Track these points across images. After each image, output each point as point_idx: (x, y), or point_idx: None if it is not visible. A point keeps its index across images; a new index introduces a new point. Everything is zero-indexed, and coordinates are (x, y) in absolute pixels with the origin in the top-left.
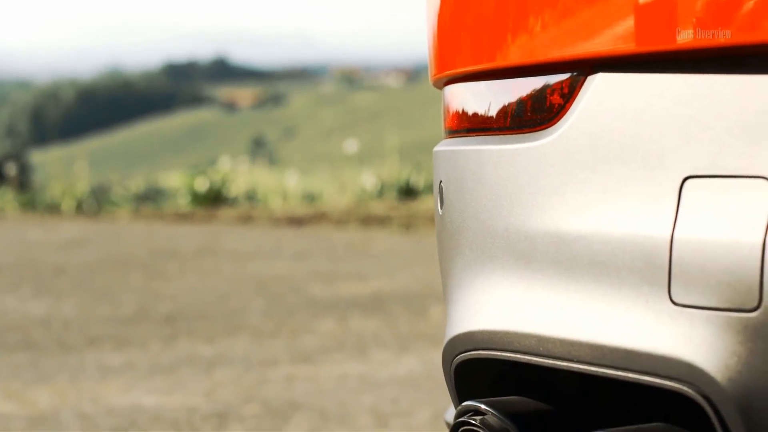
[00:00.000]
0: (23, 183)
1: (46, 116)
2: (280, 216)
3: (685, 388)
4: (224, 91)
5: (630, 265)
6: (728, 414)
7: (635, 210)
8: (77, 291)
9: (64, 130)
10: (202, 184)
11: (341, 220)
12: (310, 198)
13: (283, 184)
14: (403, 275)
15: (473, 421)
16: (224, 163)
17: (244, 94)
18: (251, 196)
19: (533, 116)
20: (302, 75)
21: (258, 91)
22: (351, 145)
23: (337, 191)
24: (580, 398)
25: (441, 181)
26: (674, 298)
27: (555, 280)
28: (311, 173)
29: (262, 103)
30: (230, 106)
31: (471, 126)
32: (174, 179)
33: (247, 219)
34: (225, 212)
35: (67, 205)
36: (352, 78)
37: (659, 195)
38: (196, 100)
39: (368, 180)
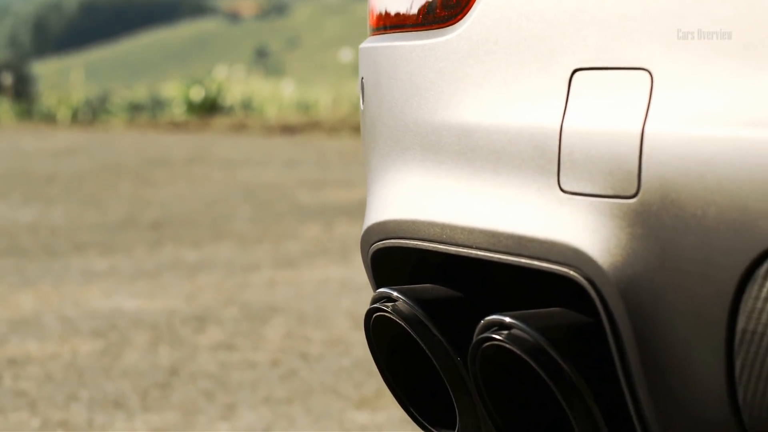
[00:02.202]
0: (20, 92)
1: (48, 27)
2: (274, 124)
3: (571, 272)
4: (227, 2)
5: (524, 154)
6: (610, 296)
7: (530, 102)
8: (67, 198)
9: (67, 41)
10: (197, 94)
11: (334, 129)
12: (305, 107)
13: (279, 94)
14: None
15: (385, 308)
16: (220, 72)
17: (247, 5)
18: (247, 105)
19: (442, 12)
20: None
21: (261, 1)
22: (345, 55)
23: (333, 100)
24: (494, 285)
25: (362, 78)
26: (563, 186)
27: (458, 171)
28: (311, 83)
29: (265, 14)
30: (233, 17)
31: (389, 24)
32: (173, 89)
33: (240, 127)
34: (219, 121)
35: (63, 114)
36: None
37: (551, 87)
38: (199, 11)
39: None
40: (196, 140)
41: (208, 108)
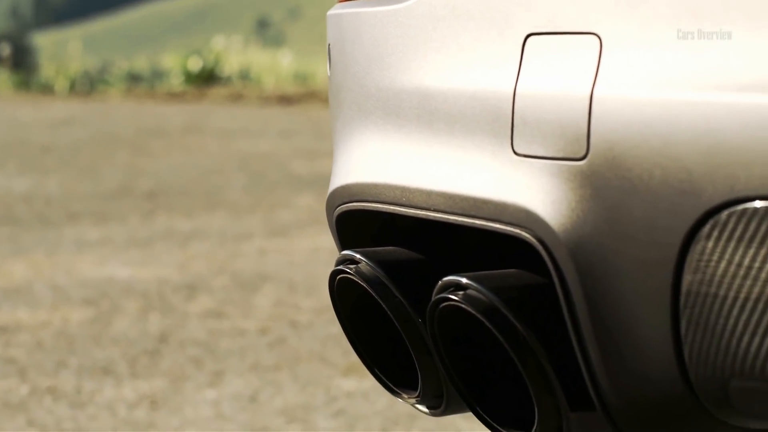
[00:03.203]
0: (18, 63)
1: None
2: (271, 95)
3: (523, 233)
4: None
5: (479, 118)
6: (561, 257)
7: (485, 66)
8: (62, 168)
9: (68, 12)
10: (195, 64)
11: None
12: (303, 77)
13: (277, 64)
14: None
15: (348, 270)
16: (218, 43)
17: None
18: (245, 76)
19: None
20: None
21: None
22: None
23: None
24: (456, 248)
25: (329, 44)
26: (516, 149)
27: (417, 135)
28: (312, 54)
29: None
30: None
31: None
32: (171, 60)
33: (237, 98)
34: (216, 91)
35: (61, 85)
36: None
37: (505, 52)
38: None
39: None
40: (192, 110)
41: (206, 78)
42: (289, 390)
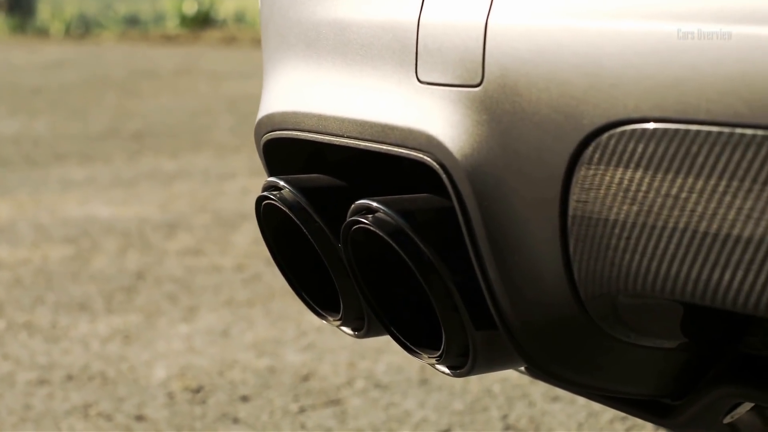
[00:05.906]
0: (14, 7)
1: None
2: None
3: (425, 158)
4: None
5: (387, 47)
6: (459, 179)
7: None
8: (51, 110)
9: None
10: (190, 7)
11: None
12: None
13: None
14: None
15: (272, 196)
16: None
17: None
18: (240, 18)
19: None
20: None
21: None
22: None
23: None
24: (380, 176)
25: None
26: (420, 77)
27: (333, 65)
28: None
29: None
30: None
31: None
32: (167, 3)
33: (231, 40)
34: (210, 34)
35: (56, 28)
36: None
37: None
38: None
39: None
40: (185, 53)
41: (201, 21)
42: (260, 325)
